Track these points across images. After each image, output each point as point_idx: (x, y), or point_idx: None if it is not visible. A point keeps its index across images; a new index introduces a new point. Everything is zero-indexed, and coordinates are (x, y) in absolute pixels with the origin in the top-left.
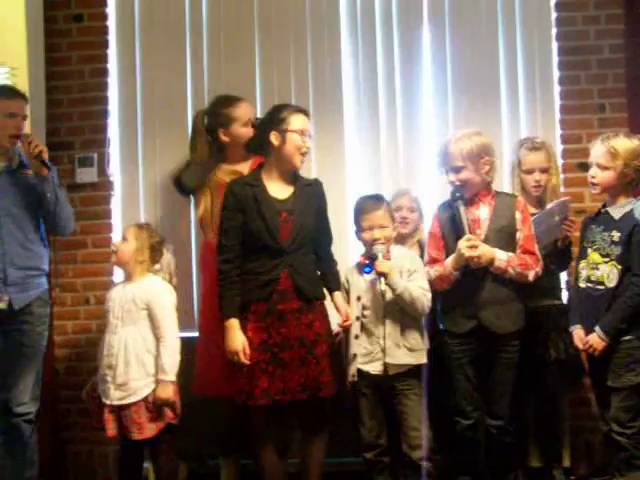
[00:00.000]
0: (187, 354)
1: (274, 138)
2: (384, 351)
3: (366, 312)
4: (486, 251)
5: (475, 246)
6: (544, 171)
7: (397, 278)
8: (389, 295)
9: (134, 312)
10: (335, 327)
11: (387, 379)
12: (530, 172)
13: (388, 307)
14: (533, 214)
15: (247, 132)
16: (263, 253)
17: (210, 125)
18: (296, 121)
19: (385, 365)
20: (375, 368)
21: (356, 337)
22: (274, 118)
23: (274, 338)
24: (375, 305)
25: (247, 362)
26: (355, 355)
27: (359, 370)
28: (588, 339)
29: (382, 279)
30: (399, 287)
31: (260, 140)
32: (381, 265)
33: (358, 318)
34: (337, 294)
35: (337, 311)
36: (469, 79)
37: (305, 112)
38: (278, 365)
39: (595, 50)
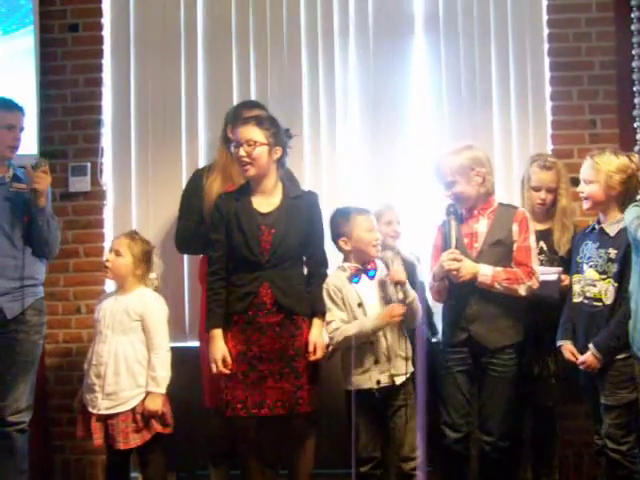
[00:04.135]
0: (179, 364)
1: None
2: (390, 361)
3: None
4: (467, 266)
5: (457, 260)
6: (551, 191)
7: (408, 286)
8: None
9: (126, 323)
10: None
11: (388, 391)
12: (537, 190)
13: None
14: (537, 230)
15: None
16: (243, 266)
17: (225, 123)
18: (233, 132)
19: (392, 376)
20: (382, 380)
21: (371, 343)
22: None
23: (253, 350)
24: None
25: (226, 371)
26: (377, 361)
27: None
28: (584, 359)
29: (399, 287)
30: (411, 295)
31: None
32: (398, 273)
33: None
34: (315, 322)
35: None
36: (462, 93)
37: (244, 121)
38: (256, 378)
39: (586, 66)
